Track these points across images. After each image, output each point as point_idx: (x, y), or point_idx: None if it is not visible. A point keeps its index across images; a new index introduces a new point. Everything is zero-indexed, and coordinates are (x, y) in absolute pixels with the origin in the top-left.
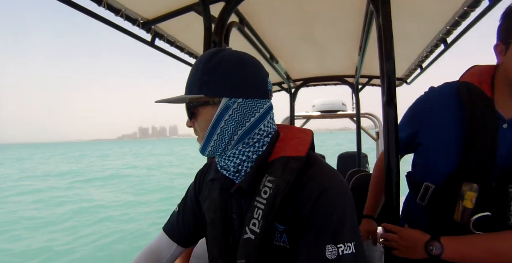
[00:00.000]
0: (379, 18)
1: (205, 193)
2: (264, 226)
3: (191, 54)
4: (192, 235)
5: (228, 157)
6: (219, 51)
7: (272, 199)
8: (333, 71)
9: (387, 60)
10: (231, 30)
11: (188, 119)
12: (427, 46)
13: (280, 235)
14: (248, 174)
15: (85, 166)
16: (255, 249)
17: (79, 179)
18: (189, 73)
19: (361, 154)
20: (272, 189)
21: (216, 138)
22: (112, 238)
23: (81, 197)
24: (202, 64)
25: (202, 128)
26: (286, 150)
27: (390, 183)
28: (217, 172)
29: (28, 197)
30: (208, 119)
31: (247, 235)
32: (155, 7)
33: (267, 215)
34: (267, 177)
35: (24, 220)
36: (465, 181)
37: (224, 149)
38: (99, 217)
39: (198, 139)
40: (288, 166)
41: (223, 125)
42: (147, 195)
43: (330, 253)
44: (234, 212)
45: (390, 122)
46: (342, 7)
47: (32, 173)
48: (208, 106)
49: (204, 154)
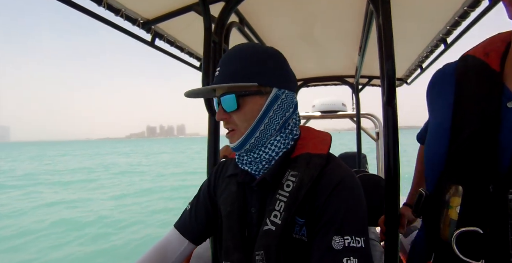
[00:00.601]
0: (379, 18)
1: (221, 187)
2: (286, 217)
3: (191, 54)
4: (204, 232)
5: (265, 147)
6: (256, 45)
7: (296, 192)
8: (333, 71)
9: (387, 60)
10: (231, 30)
11: (224, 111)
12: (427, 46)
13: (300, 228)
14: (272, 167)
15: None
16: (275, 240)
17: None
18: (226, 64)
19: (361, 154)
20: (296, 182)
21: (263, 127)
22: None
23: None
24: (248, 55)
25: (246, 119)
26: (309, 147)
27: (390, 183)
28: (236, 168)
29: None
30: (256, 109)
31: (267, 227)
32: (155, 7)
33: (289, 207)
34: (290, 172)
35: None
36: (451, 183)
37: (266, 140)
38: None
39: (230, 134)
40: (312, 161)
41: (271, 115)
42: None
43: (336, 243)
44: (253, 206)
45: (390, 122)
46: (342, 7)
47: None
48: (257, 96)
49: (241, 148)
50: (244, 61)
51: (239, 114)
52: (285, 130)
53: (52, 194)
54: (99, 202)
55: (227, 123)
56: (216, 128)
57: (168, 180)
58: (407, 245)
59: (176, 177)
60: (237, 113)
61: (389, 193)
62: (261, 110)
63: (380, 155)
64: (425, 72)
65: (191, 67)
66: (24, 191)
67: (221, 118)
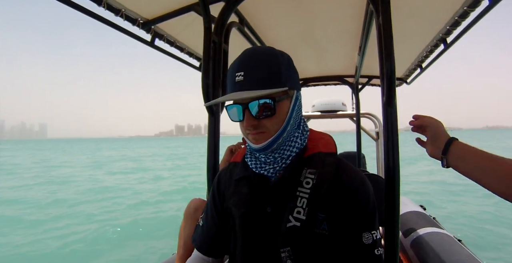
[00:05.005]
0: (379, 18)
1: (230, 190)
2: (310, 212)
3: (191, 54)
4: (223, 244)
5: (287, 145)
6: (271, 48)
7: (317, 188)
8: (333, 71)
9: (387, 60)
10: (231, 30)
11: (253, 117)
12: (427, 46)
13: (320, 223)
14: (289, 166)
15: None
16: (302, 236)
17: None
18: (252, 69)
19: (361, 154)
20: (315, 179)
21: (289, 128)
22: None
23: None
24: (272, 59)
25: (278, 122)
26: (319, 147)
27: (390, 183)
28: (246, 171)
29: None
30: (285, 112)
31: (291, 224)
32: (155, 7)
33: (312, 203)
34: (307, 170)
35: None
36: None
37: (289, 139)
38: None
39: (258, 136)
40: (326, 159)
41: (294, 116)
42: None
43: (366, 239)
44: (269, 205)
45: (390, 122)
46: (342, 7)
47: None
48: (286, 99)
49: (269, 148)
50: (271, 66)
51: (273, 119)
52: (300, 127)
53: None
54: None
55: (255, 128)
56: (216, 128)
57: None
58: (407, 245)
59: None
60: (271, 119)
61: (389, 193)
62: (288, 113)
63: (380, 155)
64: (424, 72)
65: (191, 67)
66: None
67: (251, 125)
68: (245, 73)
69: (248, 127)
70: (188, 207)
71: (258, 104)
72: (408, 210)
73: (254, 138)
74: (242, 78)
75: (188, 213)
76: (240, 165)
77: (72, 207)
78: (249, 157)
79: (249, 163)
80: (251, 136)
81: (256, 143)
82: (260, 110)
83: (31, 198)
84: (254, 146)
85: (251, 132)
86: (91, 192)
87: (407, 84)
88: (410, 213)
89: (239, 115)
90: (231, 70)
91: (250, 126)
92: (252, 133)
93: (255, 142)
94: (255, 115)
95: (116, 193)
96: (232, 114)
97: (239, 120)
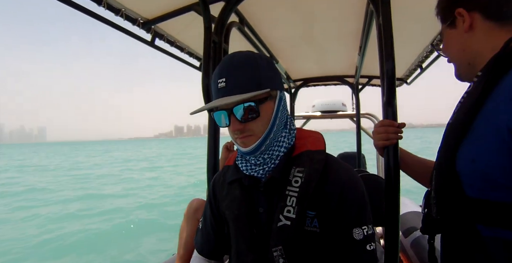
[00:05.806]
0: (379, 18)
1: (222, 193)
2: (299, 211)
3: (191, 54)
4: (222, 246)
5: (275, 145)
6: (249, 52)
7: (306, 186)
8: (333, 71)
9: (387, 60)
10: (231, 30)
11: (238, 121)
12: (427, 46)
13: (311, 220)
14: (278, 166)
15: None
16: (292, 234)
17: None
18: (232, 75)
19: (361, 154)
20: (303, 177)
21: (275, 128)
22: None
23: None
24: (250, 62)
25: (262, 124)
26: (307, 145)
27: (390, 183)
28: (237, 174)
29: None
30: (270, 113)
31: (281, 223)
32: (155, 7)
33: (301, 201)
34: (295, 169)
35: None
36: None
37: (276, 139)
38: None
39: (245, 139)
40: (314, 157)
41: (280, 116)
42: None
43: (356, 234)
44: (261, 206)
45: None
46: (342, 7)
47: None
48: (269, 101)
49: (257, 151)
50: (250, 69)
51: (258, 121)
52: (287, 126)
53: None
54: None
55: (242, 132)
56: (216, 129)
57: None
58: (407, 245)
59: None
60: (256, 121)
61: (389, 193)
62: (273, 113)
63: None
64: (425, 72)
65: (191, 67)
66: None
67: (237, 129)
68: (227, 79)
69: (235, 131)
70: (188, 207)
71: (243, 108)
72: (408, 210)
73: (242, 141)
74: (224, 84)
75: (189, 213)
76: (232, 168)
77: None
78: (240, 159)
79: (240, 165)
80: (239, 140)
81: (244, 146)
82: (245, 113)
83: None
84: (243, 149)
85: (238, 136)
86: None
87: (407, 84)
88: (410, 213)
89: (226, 121)
90: (214, 77)
91: (237, 131)
92: (240, 137)
93: (243, 145)
94: (240, 119)
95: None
96: (219, 121)
97: (226, 125)
